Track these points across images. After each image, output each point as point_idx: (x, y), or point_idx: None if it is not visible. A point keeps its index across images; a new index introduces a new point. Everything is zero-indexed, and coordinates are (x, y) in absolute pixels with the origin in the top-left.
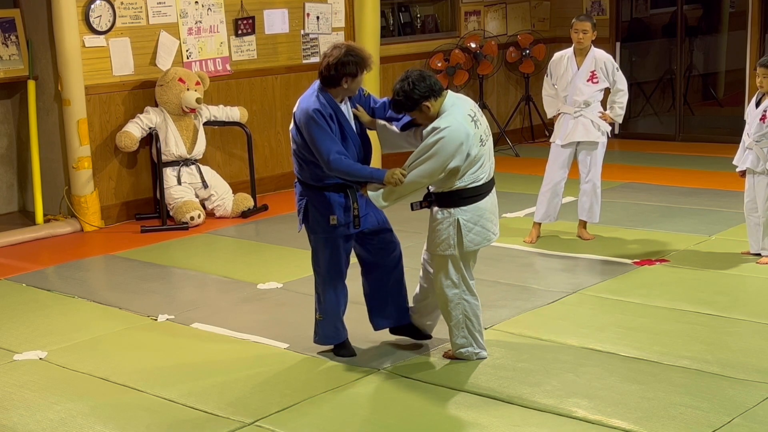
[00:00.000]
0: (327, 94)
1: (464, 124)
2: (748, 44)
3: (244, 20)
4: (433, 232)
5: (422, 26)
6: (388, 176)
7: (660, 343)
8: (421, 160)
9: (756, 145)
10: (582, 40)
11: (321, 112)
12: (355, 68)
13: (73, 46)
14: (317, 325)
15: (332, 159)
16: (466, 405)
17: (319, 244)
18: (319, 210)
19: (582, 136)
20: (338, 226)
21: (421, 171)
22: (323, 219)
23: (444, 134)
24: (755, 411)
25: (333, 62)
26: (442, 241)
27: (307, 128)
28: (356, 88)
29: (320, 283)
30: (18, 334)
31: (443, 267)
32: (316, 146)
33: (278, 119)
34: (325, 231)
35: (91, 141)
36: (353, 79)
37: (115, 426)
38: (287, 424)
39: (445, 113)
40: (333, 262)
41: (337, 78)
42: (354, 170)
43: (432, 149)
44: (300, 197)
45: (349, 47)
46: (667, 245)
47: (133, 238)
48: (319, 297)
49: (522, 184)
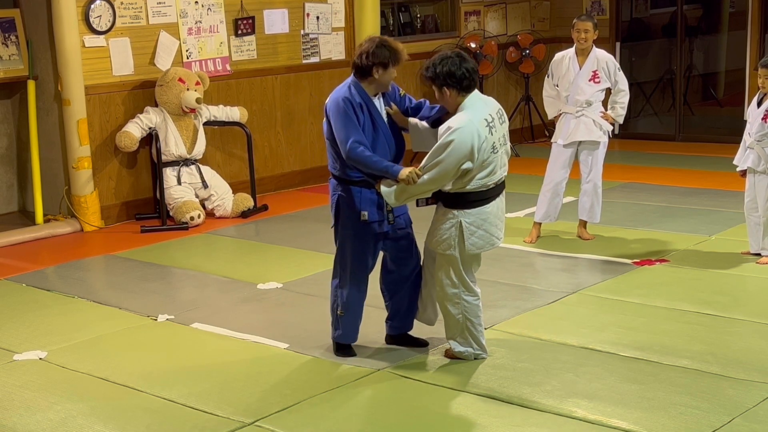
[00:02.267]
0: (359, 86)
1: (477, 126)
2: (748, 44)
3: (244, 20)
4: (436, 229)
5: (422, 26)
6: (403, 174)
7: (660, 343)
8: (435, 162)
9: (757, 145)
10: (584, 40)
11: (350, 101)
12: (386, 58)
13: (73, 46)
14: (339, 321)
15: (350, 146)
16: (466, 405)
17: (348, 240)
18: (350, 206)
19: (584, 135)
20: (369, 222)
21: (435, 173)
22: (354, 215)
23: (455, 136)
24: (755, 411)
25: (365, 51)
26: (443, 240)
27: (335, 117)
28: (387, 81)
29: (345, 279)
30: (18, 334)
31: (443, 265)
32: (337, 133)
33: (278, 119)
34: (356, 227)
35: (91, 141)
36: (384, 69)
37: (115, 426)
38: (287, 424)
39: (462, 111)
40: (361, 259)
41: (368, 67)
42: (370, 161)
43: (445, 152)
44: (332, 192)
45: (382, 39)
46: (667, 245)
47: (133, 238)
48: (342, 293)
49: (522, 184)
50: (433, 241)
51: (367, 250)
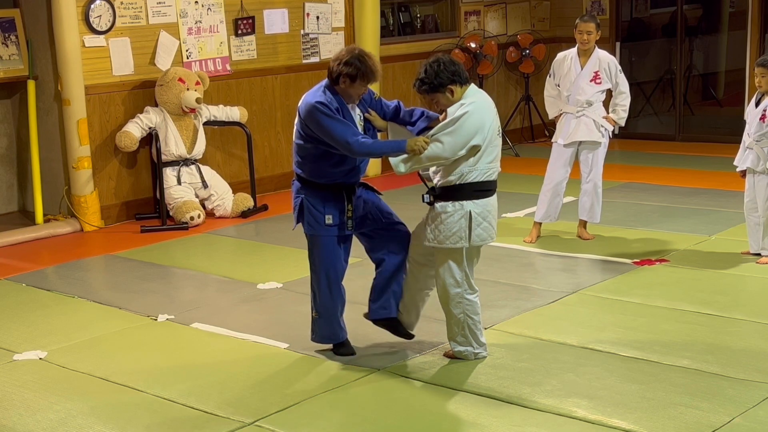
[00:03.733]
0: (333, 90)
1: (487, 105)
2: (748, 44)
3: (244, 20)
4: (441, 224)
5: (422, 26)
6: (410, 143)
7: (660, 343)
8: (446, 132)
9: (756, 145)
10: (587, 41)
11: (326, 104)
12: (355, 72)
13: (73, 46)
14: (314, 323)
15: (352, 142)
16: (466, 405)
17: (314, 242)
18: (315, 207)
19: (584, 135)
20: (332, 225)
21: (445, 144)
22: (320, 217)
23: (470, 109)
24: (755, 411)
25: (338, 59)
26: (453, 233)
27: (316, 119)
28: (355, 94)
29: (315, 281)
30: (18, 334)
31: (446, 264)
32: (331, 135)
33: (278, 119)
34: (320, 230)
35: (91, 141)
36: (351, 82)
37: (115, 426)
38: (287, 424)
39: (467, 98)
40: (329, 260)
41: (336, 75)
42: (378, 148)
43: (457, 123)
44: (296, 194)
45: (362, 52)
46: (667, 245)
47: (133, 238)
48: (315, 295)
49: (522, 184)
50: (440, 237)
51: (334, 252)
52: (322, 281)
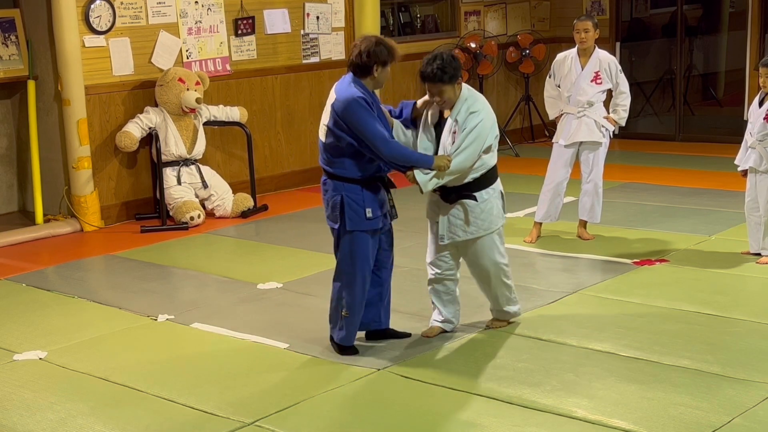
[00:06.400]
0: (362, 84)
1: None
2: (748, 44)
3: (244, 20)
4: (483, 212)
5: (422, 26)
6: (438, 161)
7: (660, 343)
8: (465, 144)
9: (759, 145)
10: (585, 39)
11: (365, 99)
12: (385, 56)
13: (73, 46)
14: (344, 321)
15: (388, 141)
16: (466, 405)
17: (354, 240)
18: (356, 203)
19: (585, 136)
20: (373, 219)
21: (466, 155)
22: (360, 211)
23: (483, 116)
24: (755, 411)
25: (365, 50)
26: (495, 215)
27: (356, 115)
28: (384, 80)
29: (349, 280)
30: (18, 334)
31: (495, 245)
32: (367, 132)
33: (278, 119)
34: (362, 224)
35: (91, 141)
36: (383, 67)
37: (115, 426)
38: (287, 424)
39: (469, 97)
40: (366, 258)
41: (369, 66)
42: (407, 155)
43: (473, 132)
44: (334, 193)
45: (378, 38)
46: (667, 245)
47: (133, 238)
48: (346, 293)
49: (522, 184)
50: (485, 225)
51: (371, 247)
52: (358, 280)
